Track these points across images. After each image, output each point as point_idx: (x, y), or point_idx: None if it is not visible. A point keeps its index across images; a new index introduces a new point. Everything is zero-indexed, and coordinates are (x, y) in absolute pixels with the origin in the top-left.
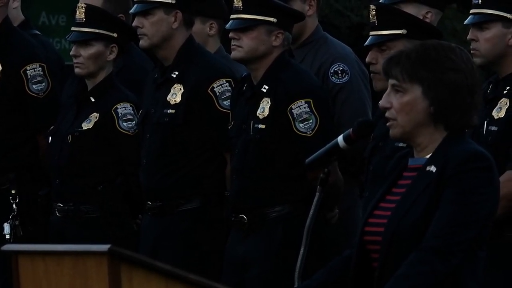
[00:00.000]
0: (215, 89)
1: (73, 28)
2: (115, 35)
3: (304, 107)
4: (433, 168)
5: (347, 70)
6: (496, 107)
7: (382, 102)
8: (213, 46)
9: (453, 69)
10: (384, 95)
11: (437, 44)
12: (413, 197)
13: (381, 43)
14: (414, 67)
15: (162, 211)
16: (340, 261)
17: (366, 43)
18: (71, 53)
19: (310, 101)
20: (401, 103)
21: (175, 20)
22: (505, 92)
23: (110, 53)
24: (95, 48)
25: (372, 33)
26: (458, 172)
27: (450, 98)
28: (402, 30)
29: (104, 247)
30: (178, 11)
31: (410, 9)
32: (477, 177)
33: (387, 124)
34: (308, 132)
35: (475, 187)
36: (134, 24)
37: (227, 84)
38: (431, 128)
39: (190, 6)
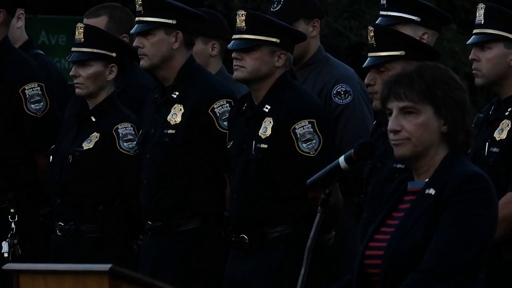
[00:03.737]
0: (215, 110)
1: (72, 49)
2: (114, 54)
3: (308, 127)
4: (432, 191)
5: (349, 91)
6: (498, 128)
7: (391, 126)
8: (215, 66)
9: (458, 88)
10: (392, 118)
11: (436, 65)
12: (412, 220)
13: (380, 64)
14: (429, 87)
15: (162, 231)
16: (341, 285)
17: (364, 64)
18: (70, 73)
19: (313, 121)
20: (415, 125)
21: (176, 41)
22: (506, 113)
23: (110, 73)
24: (94, 68)
25: (370, 54)
26: (455, 193)
27: (461, 116)
28: (401, 52)
29: (105, 267)
30: (178, 31)
31: (407, 30)
32: (475, 198)
33: (394, 143)
34: (311, 152)
35: (473, 209)
36: (134, 44)
37: (228, 104)
38: (437, 149)
39: (191, 27)
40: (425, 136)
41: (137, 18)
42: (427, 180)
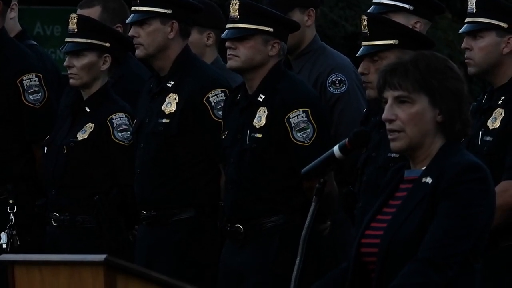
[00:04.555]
0: (210, 99)
1: (66, 39)
2: (107, 44)
3: (302, 116)
4: (428, 180)
5: (344, 80)
6: (491, 117)
7: (385, 115)
8: (210, 56)
9: (455, 78)
10: (387, 107)
11: (433, 54)
12: (409, 209)
13: (373, 53)
14: (424, 77)
15: (156, 221)
16: (337, 273)
17: (358, 53)
18: (64, 64)
19: (308, 110)
20: (410, 114)
21: (171, 30)
22: (499, 102)
23: (104, 63)
24: (87, 58)
25: (364, 43)
26: (453, 184)
27: (457, 106)
28: (394, 40)
29: (100, 257)
30: (174, 21)
31: (399, 19)
32: (473, 189)
33: (391, 137)
34: (306, 142)
35: (471, 199)
36: (130, 33)
37: (223, 94)
38: (434, 138)
39: (187, 17)
40: (419, 126)
41: (132, 8)
42: (424, 168)
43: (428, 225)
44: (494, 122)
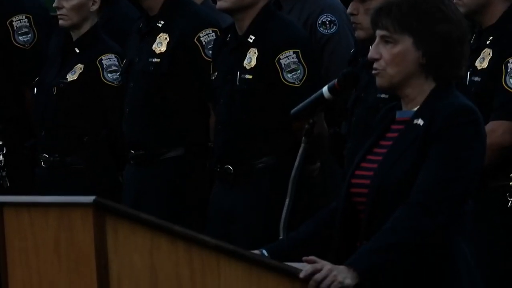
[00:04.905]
0: (201, 39)
1: None
2: None
3: (292, 57)
4: (420, 121)
5: (335, 20)
6: (479, 57)
7: (371, 53)
8: None
9: (444, 20)
10: (373, 46)
11: None
12: (400, 150)
13: None
14: (406, 18)
15: (144, 160)
16: (326, 212)
17: None
18: (54, 4)
19: (298, 51)
20: (391, 54)
21: None
22: (488, 42)
23: (93, 4)
24: None
25: None
26: (446, 126)
27: (442, 49)
28: None
29: (89, 199)
30: None
31: None
32: (465, 131)
33: (374, 72)
34: (296, 83)
35: (463, 142)
36: None
37: (214, 34)
38: (421, 80)
39: None
40: (401, 66)
41: None
42: (415, 109)
43: (419, 168)
44: (482, 62)
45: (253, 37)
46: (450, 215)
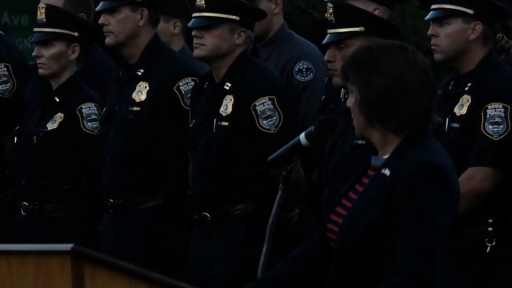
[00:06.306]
0: (180, 88)
1: (35, 29)
2: (76, 34)
3: (268, 104)
4: (387, 172)
5: (311, 68)
6: (458, 104)
7: (347, 103)
8: (177, 44)
9: (380, 73)
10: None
11: (376, 45)
12: (368, 200)
13: (339, 41)
14: (347, 70)
15: (123, 209)
16: (302, 252)
17: (324, 41)
18: (33, 53)
19: (273, 98)
20: (349, 105)
21: (141, 18)
22: (466, 88)
23: (72, 53)
24: (56, 48)
25: (330, 31)
26: (411, 184)
27: (377, 101)
28: (360, 28)
29: (67, 246)
30: (144, 8)
31: (358, 5)
32: (431, 188)
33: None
34: (272, 129)
35: (432, 200)
36: (100, 21)
37: (193, 82)
38: (379, 130)
39: (157, 4)
40: (356, 118)
41: None
42: (386, 157)
43: (384, 221)
44: (461, 108)
45: (229, 84)
46: (436, 275)
